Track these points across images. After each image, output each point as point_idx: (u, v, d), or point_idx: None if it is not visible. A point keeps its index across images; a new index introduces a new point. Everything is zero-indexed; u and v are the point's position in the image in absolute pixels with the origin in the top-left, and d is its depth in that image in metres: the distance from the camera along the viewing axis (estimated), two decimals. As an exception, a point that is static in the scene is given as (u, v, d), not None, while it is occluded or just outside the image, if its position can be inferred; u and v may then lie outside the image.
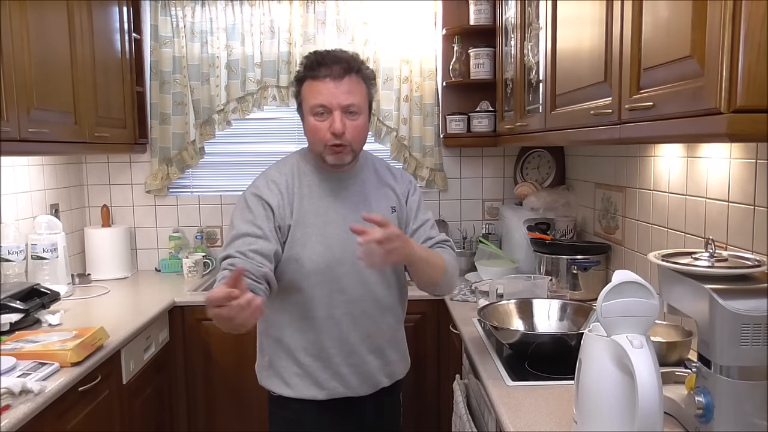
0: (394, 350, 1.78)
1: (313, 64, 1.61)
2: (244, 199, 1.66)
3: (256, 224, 1.60)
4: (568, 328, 1.93)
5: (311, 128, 1.62)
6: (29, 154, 2.61)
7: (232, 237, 1.61)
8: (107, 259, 3.06)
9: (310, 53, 1.66)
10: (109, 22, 2.77)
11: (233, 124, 3.21)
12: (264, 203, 1.63)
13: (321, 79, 1.59)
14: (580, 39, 1.77)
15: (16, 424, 1.48)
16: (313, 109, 1.60)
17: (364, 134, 1.68)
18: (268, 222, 1.61)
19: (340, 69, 1.59)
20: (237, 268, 1.34)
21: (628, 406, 1.15)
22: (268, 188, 1.65)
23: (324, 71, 1.59)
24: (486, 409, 1.70)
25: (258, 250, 1.57)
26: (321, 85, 1.59)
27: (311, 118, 1.61)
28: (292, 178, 1.69)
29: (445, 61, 3.16)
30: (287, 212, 1.64)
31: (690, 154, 1.83)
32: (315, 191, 1.68)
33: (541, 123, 2.16)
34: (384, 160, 1.88)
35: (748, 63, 1.01)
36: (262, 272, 1.55)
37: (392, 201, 1.77)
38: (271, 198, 1.64)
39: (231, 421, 2.76)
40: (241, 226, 1.61)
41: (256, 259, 1.56)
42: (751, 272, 1.23)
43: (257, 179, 1.72)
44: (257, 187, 1.67)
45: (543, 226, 2.81)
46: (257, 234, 1.59)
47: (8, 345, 1.85)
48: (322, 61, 1.60)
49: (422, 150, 3.19)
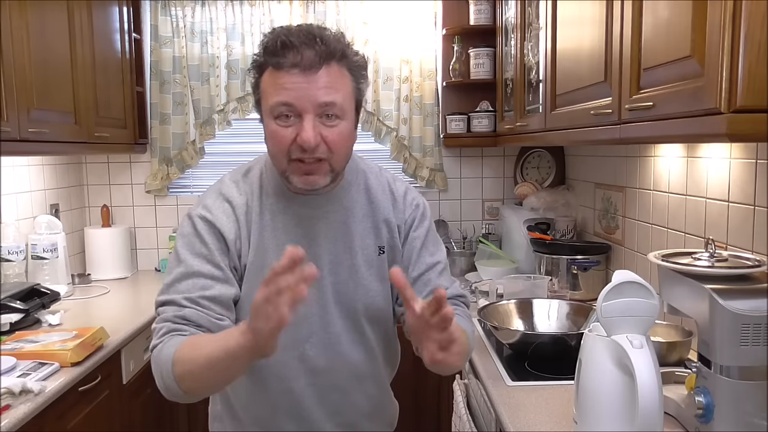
0: (372, 421, 1.39)
1: (275, 45, 1.13)
2: (191, 224, 1.22)
3: (212, 261, 1.19)
4: (568, 328, 1.93)
5: (270, 135, 1.18)
6: (29, 154, 2.61)
7: (180, 275, 1.18)
8: (107, 259, 3.06)
9: (274, 29, 1.17)
10: (109, 22, 2.77)
11: (233, 124, 3.21)
12: (217, 233, 1.21)
13: (286, 69, 1.12)
14: (580, 39, 1.77)
15: (16, 424, 1.48)
16: (274, 110, 1.14)
17: (347, 145, 1.21)
18: (223, 257, 1.20)
19: (314, 54, 1.11)
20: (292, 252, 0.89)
21: (628, 406, 1.15)
22: (223, 212, 1.23)
23: (291, 57, 1.11)
24: (486, 409, 1.70)
25: (216, 297, 1.17)
26: (286, 77, 1.12)
27: (271, 122, 1.16)
28: (252, 199, 1.25)
29: (445, 61, 3.16)
30: (243, 247, 1.23)
31: (690, 154, 1.84)
32: (279, 220, 1.25)
33: (541, 123, 2.16)
34: (387, 171, 1.39)
35: (748, 63, 1.00)
36: (222, 327, 1.15)
37: (382, 239, 1.30)
38: (226, 226, 1.22)
39: (231, 421, 2.76)
40: (191, 262, 1.18)
41: (214, 310, 1.16)
42: (751, 272, 1.23)
43: (208, 196, 1.26)
44: (209, 209, 1.23)
45: (543, 226, 2.81)
46: (214, 275, 1.18)
47: (8, 345, 1.85)
48: (289, 43, 1.11)
49: (422, 150, 3.20)
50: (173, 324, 1.14)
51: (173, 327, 1.14)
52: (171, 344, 1.11)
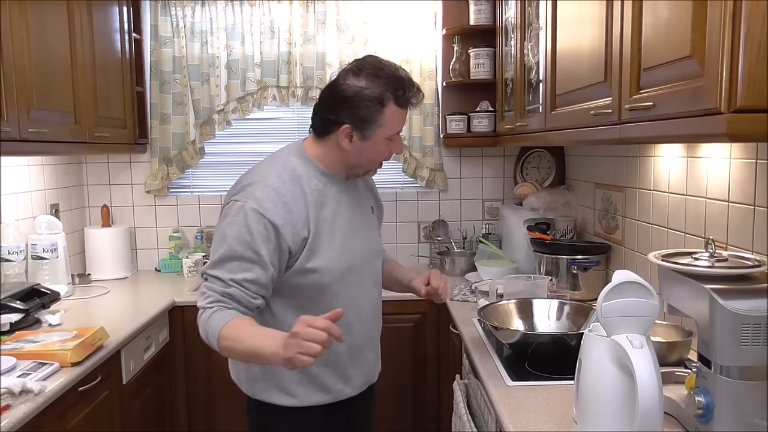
0: (380, 348, 1.83)
1: (403, 92, 1.55)
2: (243, 214, 1.49)
3: (253, 249, 1.47)
4: (568, 328, 1.93)
5: (380, 152, 1.59)
6: (29, 154, 2.61)
7: (224, 257, 1.49)
8: (107, 259, 3.06)
9: (392, 76, 1.55)
10: (109, 22, 2.77)
11: (233, 124, 3.21)
12: (267, 223, 1.48)
13: (406, 108, 1.57)
14: (580, 39, 1.77)
15: (16, 424, 1.48)
16: (393, 136, 1.58)
17: None
18: (267, 245, 1.48)
19: (419, 100, 1.61)
20: (336, 312, 1.34)
21: (628, 406, 1.15)
22: (271, 202, 1.51)
23: (413, 101, 1.58)
24: (486, 409, 1.70)
25: (255, 279, 1.48)
26: (404, 114, 1.58)
27: (384, 142, 1.58)
28: (296, 185, 1.56)
29: (445, 61, 3.16)
30: (300, 225, 1.53)
31: (690, 154, 1.84)
32: (322, 197, 1.60)
33: (541, 123, 2.16)
34: None
35: (748, 63, 1.01)
36: (255, 305, 1.51)
37: (371, 201, 1.80)
38: (277, 216, 1.50)
39: (231, 421, 2.76)
40: (236, 247, 1.48)
41: (251, 289, 1.49)
42: (751, 272, 1.23)
43: (256, 189, 1.53)
44: (259, 202, 1.50)
45: (543, 226, 2.81)
46: (253, 260, 1.48)
47: (8, 345, 1.85)
48: (412, 91, 1.57)
49: (422, 150, 3.20)
50: (220, 297, 1.48)
51: (219, 299, 1.48)
52: (219, 317, 1.45)
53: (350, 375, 1.68)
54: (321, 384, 1.64)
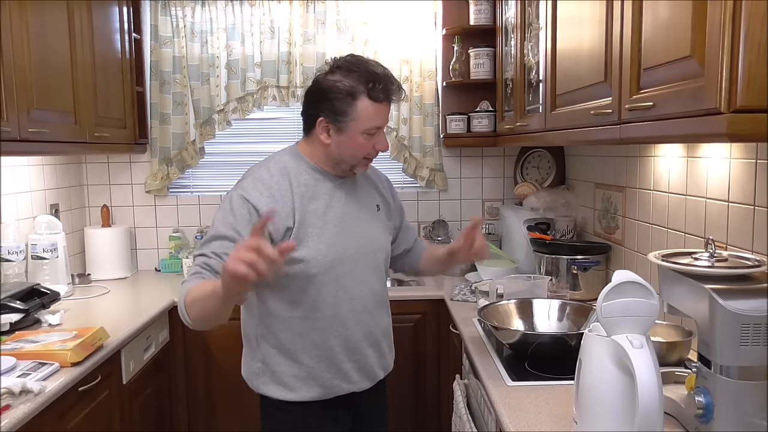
0: (387, 343, 1.82)
1: (374, 84, 1.59)
2: (229, 199, 1.62)
3: (235, 228, 1.57)
4: (568, 328, 1.93)
5: (358, 145, 1.63)
6: (29, 154, 2.61)
7: (210, 237, 1.59)
8: (107, 259, 3.06)
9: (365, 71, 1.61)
10: (109, 22, 2.77)
11: (233, 124, 3.21)
12: (250, 207, 1.59)
13: (380, 102, 1.61)
14: (580, 39, 1.77)
15: (16, 424, 1.48)
16: (369, 130, 1.62)
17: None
18: (248, 227, 1.56)
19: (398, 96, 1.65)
20: (289, 244, 1.27)
21: (628, 406, 1.15)
22: (257, 191, 1.61)
23: (385, 95, 1.61)
24: (486, 409, 1.70)
25: None
26: (380, 108, 1.61)
27: (361, 137, 1.62)
28: (285, 179, 1.65)
29: (445, 61, 3.16)
30: (284, 215, 1.61)
31: (690, 154, 1.84)
32: (311, 192, 1.67)
33: (541, 123, 2.16)
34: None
35: (748, 63, 1.01)
36: None
37: (377, 199, 1.82)
38: (260, 202, 1.59)
39: (231, 421, 2.76)
40: (220, 228, 1.58)
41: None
42: (751, 272, 1.23)
43: (245, 180, 1.66)
44: (244, 189, 1.62)
45: (543, 226, 2.81)
46: (234, 238, 1.56)
47: (8, 345, 1.85)
48: (385, 85, 1.61)
49: (422, 150, 3.20)
50: (199, 268, 1.54)
51: (198, 270, 1.54)
52: (190, 281, 1.51)
53: (346, 369, 1.69)
54: (317, 378, 1.68)
